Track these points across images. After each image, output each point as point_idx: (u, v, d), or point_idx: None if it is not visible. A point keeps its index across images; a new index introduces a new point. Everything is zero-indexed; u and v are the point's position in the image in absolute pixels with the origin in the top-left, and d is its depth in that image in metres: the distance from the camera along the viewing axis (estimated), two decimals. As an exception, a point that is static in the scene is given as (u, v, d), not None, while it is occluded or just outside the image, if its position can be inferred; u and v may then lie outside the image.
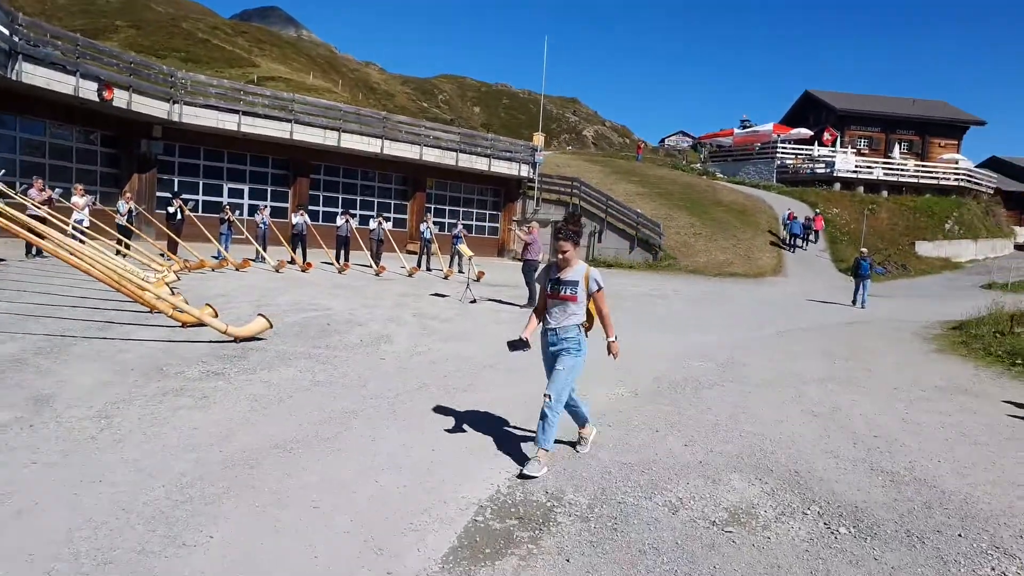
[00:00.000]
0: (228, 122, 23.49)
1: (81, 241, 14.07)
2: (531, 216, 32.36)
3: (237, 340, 7.57)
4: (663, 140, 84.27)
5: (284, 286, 13.53)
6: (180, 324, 8.09)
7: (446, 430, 5.22)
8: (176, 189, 21.17)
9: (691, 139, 61.93)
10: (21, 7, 57.94)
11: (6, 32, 16.62)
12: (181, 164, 24.06)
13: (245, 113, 23.89)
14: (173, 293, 10.15)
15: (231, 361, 6.77)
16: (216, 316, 8.36)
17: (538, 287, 12.66)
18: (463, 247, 14.54)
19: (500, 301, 14.24)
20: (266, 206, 21.03)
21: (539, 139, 37.75)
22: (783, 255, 30.41)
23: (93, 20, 62.48)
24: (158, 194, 22.86)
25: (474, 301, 13.54)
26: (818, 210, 35.84)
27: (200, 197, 23.92)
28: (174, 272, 11.73)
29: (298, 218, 18.80)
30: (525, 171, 32.46)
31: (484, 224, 33.22)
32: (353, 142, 26.66)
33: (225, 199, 24.53)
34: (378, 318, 10.48)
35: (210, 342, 7.50)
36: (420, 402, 5.90)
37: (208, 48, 59.59)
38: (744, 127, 51.32)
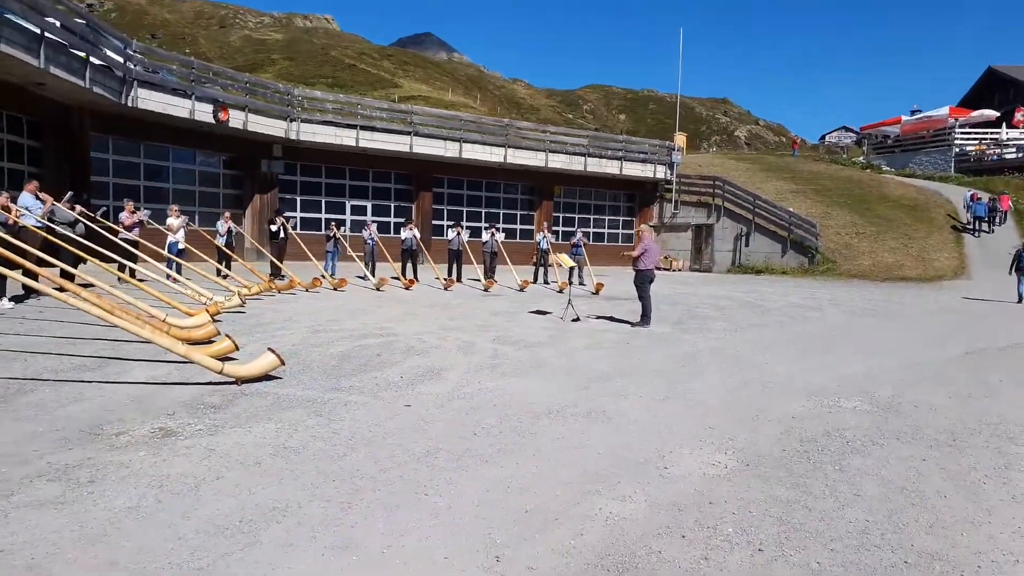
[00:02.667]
0: (346, 137, 23.08)
1: (175, 267, 13.65)
2: (668, 220, 29.72)
3: (239, 382, 6.10)
4: (823, 137, 77.31)
5: (366, 307, 12.22)
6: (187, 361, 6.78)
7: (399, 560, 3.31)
8: (278, 207, 20.93)
9: (854, 134, 55.63)
10: (203, 51, 63.41)
11: (120, 60, 16.83)
12: (303, 183, 23.97)
13: (363, 128, 23.40)
14: (215, 320, 9.03)
15: (205, 412, 5.27)
16: (235, 349, 7.02)
17: (652, 300, 10.40)
18: (562, 256, 12.57)
19: (611, 318, 12.09)
20: (373, 222, 20.22)
21: (680, 139, 35.00)
22: (966, 255, 25.58)
23: (255, 56, 67.03)
24: (287, 214, 22.79)
25: (577, 319, 11.51)
26: (1005, 190, 30.24)
27: (323, 215, 23.68)
28: (240, 296, 10.70)
29: (407, 233, 17.68)
30: (662, 172, 29.92)
31: (617, 231, 30.98)
32: (475, 152, 25.54)
33: (347, 216, 24.19)
34: (447, 345, 8.76)
35: (207, 384, 6.08)
36: (402, 490, 4.02)
37: (354, 73, 61.82)
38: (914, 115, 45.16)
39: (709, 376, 7.56)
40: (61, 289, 6.48)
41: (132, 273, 12.45)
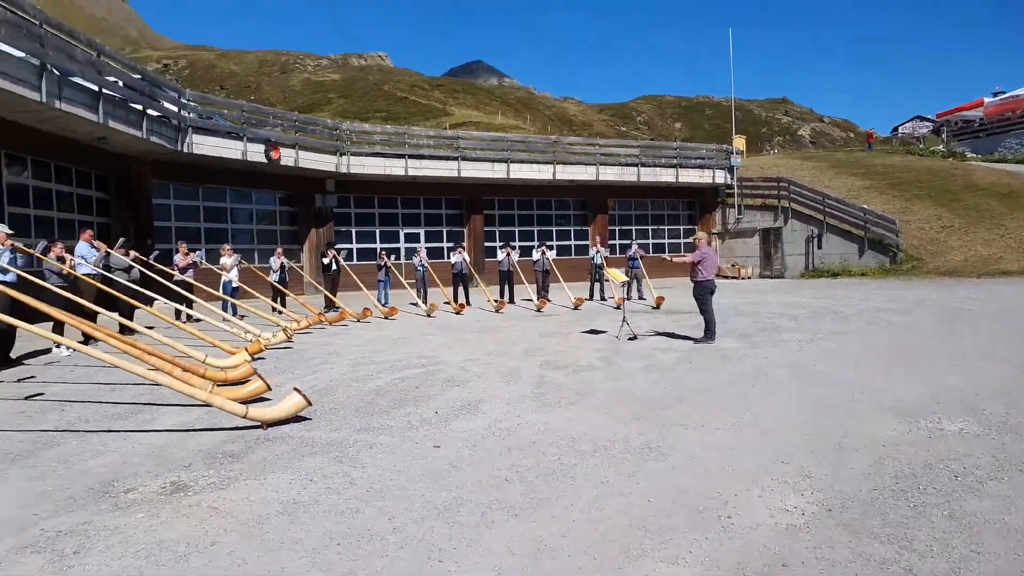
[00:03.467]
0: (395, 167, 23.08)
1: (229, 306, 13.64)
2: (733, 226, 28.60)
3: (265, 426, 5.73)
4: (896, 129, 73.96)
5: (413, 336, 11.84)
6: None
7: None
8: (329, 240, 20.91)
9: (930, 123, 52.72)
10: (265, 97, 65.67)
11: (175, 109, 17.19)
12: (356, 215, 24.07)
13: (411, 156, 23.34)
14: (256, 358, 8.77)
15: (222, 463, 4.89)
16: (268, 389, 6.68)
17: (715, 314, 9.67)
18: (613, 271, 11.91)
19: (671, 335, 11.35)
20: (423, 247, 19.99)
21: (739, 141, 33.85)
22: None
23: (313, 97, 68.96)
24: (339, 246, 22.87)
25: (633, 337, 10.83)
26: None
27: (377, 245, 23.65)
28: (287, 331, 10.48)
29: (456, 257, 17.35)
30: (721, 177, 28.87)
31: (679, 241, 29.97)
32: (523, 171, 25.18)
33: (401, 244, 24.12)
34: (490, 373, 8.25)
35: (233, 429, 5.74)
36: (412, 555, 3.49)
37: (406, 105, 62.79)
38: (998, 96, 42.40)
39: (782, 397, 6.79)
40: (86, 341, 6.29)
41: (187, 315, 12.51)
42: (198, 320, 11.05)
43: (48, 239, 9.79)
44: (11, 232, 8.67)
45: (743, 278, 27.39)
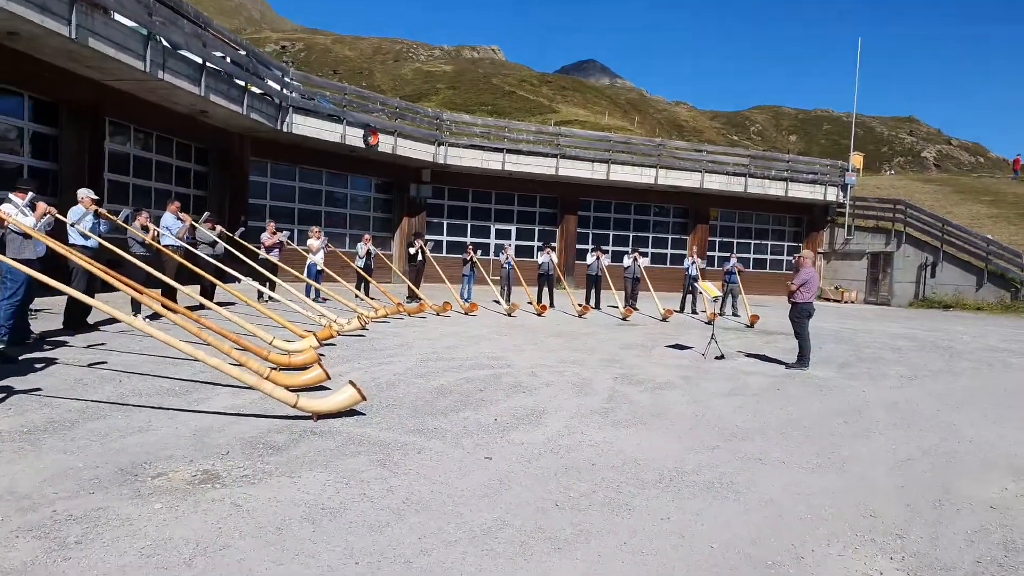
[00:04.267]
0: (492, 161, 22.92)
1: (311, 289, 13.78)
2: (840, 246, 26.93)
3: (315, 417, 5.54)
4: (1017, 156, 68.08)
5: (489, 335, 11.55)
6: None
7: None
8: (413, 229, 20.95)
9: (1076, 147, 47.81)
10: (377, 84, 67.53)
11: (277, 87, 17.62)
12: (450, 207, 24.10)
13: (509, 151, 23.13)
14: (325, 344, 8.68)
15: (261, 454, 4.70)
16: (327, 378, 6.51)
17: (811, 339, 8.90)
18: (706, 285, 11.19)
19: (763, 357, 10.57)
20: (510, 244, 19.71)
21: (856, 159, 31.92)
22: None
23: (423, 86, 70.24)
24: (426, 237, 22.96)
25: (721, 357, 10.13)
26: None
27: (468, 239, 23.58)
28: (362, 319, 10.39)
29: (544, 257, 16.97)
30: (833, 195, 27.24)
31: (781, 258, 28.50)
32: (624, 174, 24.52)
33: (491, 240, 23.98)
34: (561, 381, 7.82)
35: (283, 418, 5.57)
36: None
37: (513, 99, 62.87)
38: None
39: (876, 440, 6.04)
40: (155, 316, 6.28)
41: (268, 296, 12.69)
42: (276, 301, 11.11)
43: (134, 207, 10.02)
44: (96, 198, 8.88)
45: (846, 302, 25.71)
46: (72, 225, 8.63)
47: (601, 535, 3.72)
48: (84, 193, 8.93)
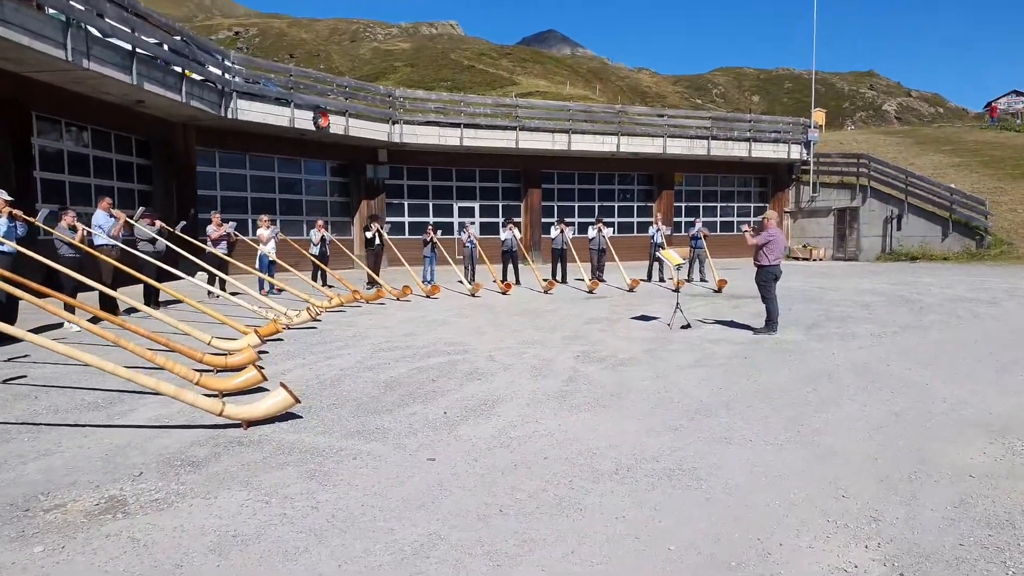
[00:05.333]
0: (450, 137, 22.31)
1: (263, 284, 13.21)
2: (807, 204, 26.82)
3: (245, 425, 5.08)
4: (989, 104, 68.67)
5: (449, 318, 11.12)
6: (218, 393, 5.88)
7: None
8: (372, 212, 20.39)
9: (1028, 98, 48.28)
10: (335, 66, 65.94)
11: (218, 72, 16.83)
12: (409, 187, 23.49)
13: (467, 126, 22.52)
14: (267, 341, 8.19)
15: (177, 473, 4.25)
16: (262, 380, 6.03)
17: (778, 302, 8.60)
18: (667, 253, 10.84)
19: (730, 323, 10.28)
20: (473, 223, 19.24)
21: (818, 115, 31.78)
22: None
23: (381, 65, 68.79)
24: (388, 219, 22.37)
25: (687, 326, 9.81)
26: None
27: (431, 219, 23.00)
28: (312, 311, 9.88)
29: (506, 234, 16.52)
30: (797, 153, 27.05)
31: (748, 219, 28.26)
32: (585, 143, 24.05)
33: (455, 218, 23.47)
34: (520, 364, 7.43)
35: (211, 427, 5.11)
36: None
37: (472, 74, 61.87)
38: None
39: (847, 407, 5.74)
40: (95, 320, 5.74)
41: (221, 287, 12.11)
42: (218, 297, 10.56)
43: (59, 206, 9.35)
44: (10, 199, 8.24)
45: (815, 260, 25.66)
46: (-19, 229, 8.00)
47: (547, 544, 3.34)
48: (-4, 195, 8.29)
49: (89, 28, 12.22)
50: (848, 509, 3.71)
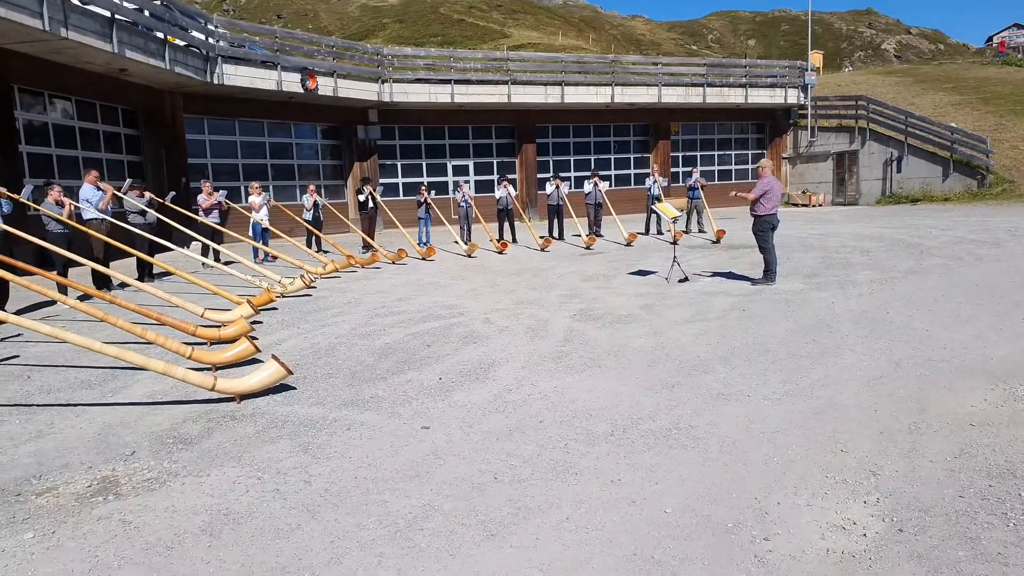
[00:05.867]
0: (441, 94, 21.90)
1: (257, 253, 13.09)
2: (805, 149, 26.48)
3: (239, 399, 5.04)
4: (990, 38, 67.45)
5: (444, 281, 11.03)
6: (212, 367, 5.84)
7: None
8: (365, 174, 20.14)
9: (1030, 31, 47.29)
10: (323, 25, 64.58)
11: (202, 37, 16.44)
12: (402, 147, 23.17)
13: (457, 82, 22.09)
14: (260, 310, 8.12)
15: (170, 451, 4.22)
16: (255, 351, 5.96)
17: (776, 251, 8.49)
18: (663, 206, 10.68)
19: (729, 275, 10.20)
20: (467, 182, 19.00)
21: (815, 57, 31.16)
22: None
23: (369, 23, 67.33)
24: (381, 181, 22.09)
25: (685, 279, 9.73)
26: None
27: (424, 179, 22.71)
28: (306, 278, 9.78)
29: (501, 192, 16.30)
30: (794, 97, 26.61)
31: (746, 167, 28.02)
32: (579, 95, 23.63)
33: (449, 177, 23.20)
34: (516, 326, 7.36)
35: (204, 402, 5.07)
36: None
37: (463, 27, 60.51)
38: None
39: (847, 357, 5.69)
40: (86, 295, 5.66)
41: (214, 257, 12.01)
42: (211, 267, 10.46)
43: (45, 180, 9.18)
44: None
45: (814, 206, 25.43)
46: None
47: (541, 511, 3.31)
48: (-24, 172, 8.13)
49: (66, -5, 11.86)
50: (847, 464, 3.68)
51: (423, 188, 16.30)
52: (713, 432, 4.21)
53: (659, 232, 17.01)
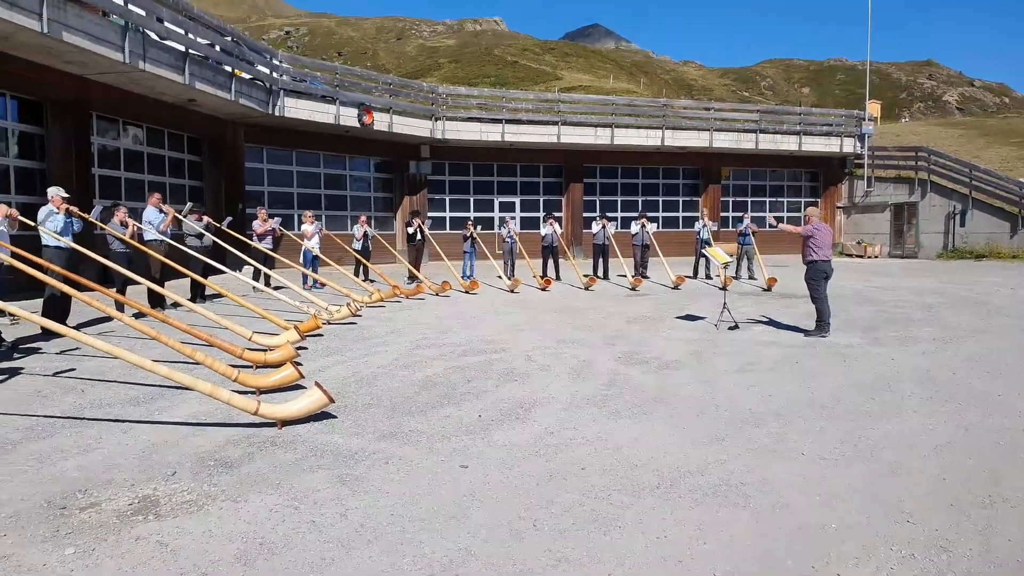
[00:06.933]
0: (492, 133, 22.19)
1: (306, 279, 13.27)
2: (861, 199, 25.97)
3: (280, 425, 5.01)
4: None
5: (486, 315, 10.98)
6: (256, 391, 5.85)
7: None
8: (414, 208, 20.39)
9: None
10: (381, 63, 66.50)
11: (267, 71, 16.99)
12: (451, 182, 23.46)
13: (508, 121, 22.37)
14: (306, 337, 8.16)
15: (211, 473, 4.19)
16: (299, 377, 5.96)
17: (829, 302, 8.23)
18: (713, 251, 10.49)
19: (779, 325, 9.92)
20: (513, 217, 19.06)
21: (873, 107, 30.73)
22: None
23: (425, 62, 69.05)
24: (429, 214, 22.38)
25: (735, 327, 9.48)
26: None
27: (471, 214, 22.91)
28: (352, 306, 9.85)
29: (546, 229, 16.31)
30: (850, 146, 26.18)
31: (798, 215, 27.45)
32: (628, 137, 23.65)
33: (496, 213, 23.36)
34: (558, 365, 7.24)
35: (246, 426, 5.06)
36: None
37: (515, 69, 61.58)
38: None
39: (910, 419, 5.40)
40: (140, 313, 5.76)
41: (266, 282, 12.20)
42: (261, 292, 10.60)
43: (112, 202, 9.51)
44: (67, 196, 8.39)
45: (869, 257, 24.80)
46: (39, 225, 8.14)
47: (582, 564, 3.15)
48: (53, 192, 8.47)
49: (146, 31, 12.47)
50: (915, 537, 3.43)
51: (469, 223, 16.39)
52: (765, 491, 4.00)
53: (708, 277, 16.75)
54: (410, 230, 15.69)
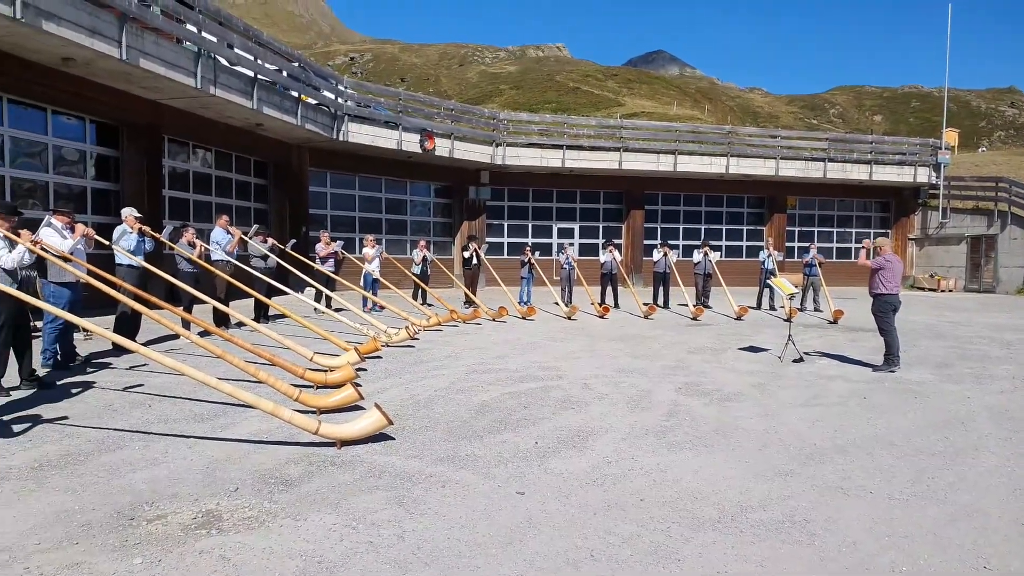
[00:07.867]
0: (552, 159, 22.33)
1: (365, 302, 13.53)
2: (935, 231, 25.05)
3: (339, 445, 5.09)
4: None
5: (543, 341, 10.96)
6: (317, 411, 5.97)
7: None
8: (473, 233, 20.54)
9: None
10: (443, 89, 67.96)
11: (332, 96, 17.54)
12: (510, 208, 23.64)
13: (569, 147, 22.47)
14: (367, 358, 8.28)
15: (271, 491, 4.28)
16: (359, 399, 6.06)
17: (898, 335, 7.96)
18: (779, 281, 10.25)
19: (847, 359, 9.59)
20: (571, 244, 19.02)
21: (949, 135, 29.74)
22: None
23: (487, 88, 70.15)
24: (487, 239, 22.55)
25: (800, 359, 9.22)
26: None
27: (529, 240, 23.02)
28: (410, 330, 9.98)
29: (606, 256, 16.24)
30: (924, 176, 25.35)
31: (869, 235, 26.61)
32: (692, 164, 23.45)
33: (554, 239, 23.41)
34: (616, 394, 7.16)
35: (306, 445, 5.16)
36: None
37: (577, 95, 61.94)
38: None
39: (985, 459, 5.14)
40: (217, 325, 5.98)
41: (327, 303, 12.49)
42: (323, 313, 10.85)
43: (181, 223, 9.91)
44: (139, 216, 8.78)
45: (943, 291, 23.81)
46: (113, 244, 8.55)
47: (640, 599, 3.09)
48: (127, 212, 8.87)
49: (217, 57, 13.06)
50: (991, 584, 3.25)
51: (527, 248, 16.47)
52: (831, 529, 3.85)
53: (771, 308, 16.36)
54: (466, 254, 15.86)
